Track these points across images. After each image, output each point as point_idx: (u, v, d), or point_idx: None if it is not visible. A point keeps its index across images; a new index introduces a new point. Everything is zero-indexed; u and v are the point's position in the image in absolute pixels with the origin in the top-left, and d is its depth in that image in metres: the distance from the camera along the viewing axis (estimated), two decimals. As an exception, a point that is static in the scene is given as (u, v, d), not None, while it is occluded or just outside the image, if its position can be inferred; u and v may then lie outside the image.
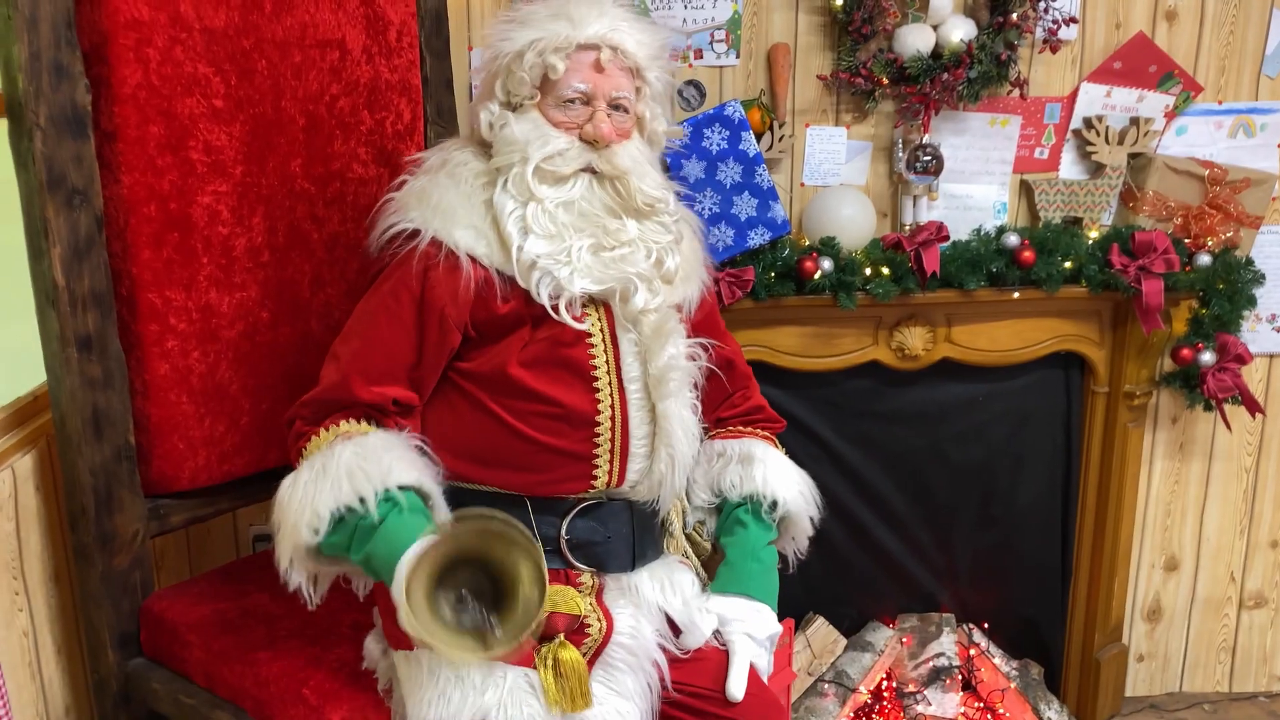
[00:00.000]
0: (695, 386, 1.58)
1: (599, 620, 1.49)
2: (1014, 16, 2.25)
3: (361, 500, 1.34)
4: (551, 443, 1.48)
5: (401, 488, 1.36)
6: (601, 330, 1.51)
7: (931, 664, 2.58)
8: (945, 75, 2.24)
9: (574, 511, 1.51)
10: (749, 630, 1.56)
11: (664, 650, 1.52)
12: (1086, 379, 2.57)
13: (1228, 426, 2.52)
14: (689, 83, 2.33)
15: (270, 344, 1.81)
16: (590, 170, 1.50)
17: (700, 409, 1.60)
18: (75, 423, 1.59)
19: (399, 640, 1.42)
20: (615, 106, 1.52)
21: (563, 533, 1.50)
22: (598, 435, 1.49)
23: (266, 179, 1.77)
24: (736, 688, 1.50)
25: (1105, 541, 2.62)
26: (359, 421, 1.46)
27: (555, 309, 1.45)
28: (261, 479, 1.85)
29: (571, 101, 1.50)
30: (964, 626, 2.65)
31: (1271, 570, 2.81)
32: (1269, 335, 2.62)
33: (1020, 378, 2.56)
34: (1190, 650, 2.85)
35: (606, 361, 1.50)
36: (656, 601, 1.55)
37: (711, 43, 2.30)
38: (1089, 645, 2.70)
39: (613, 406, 1.50)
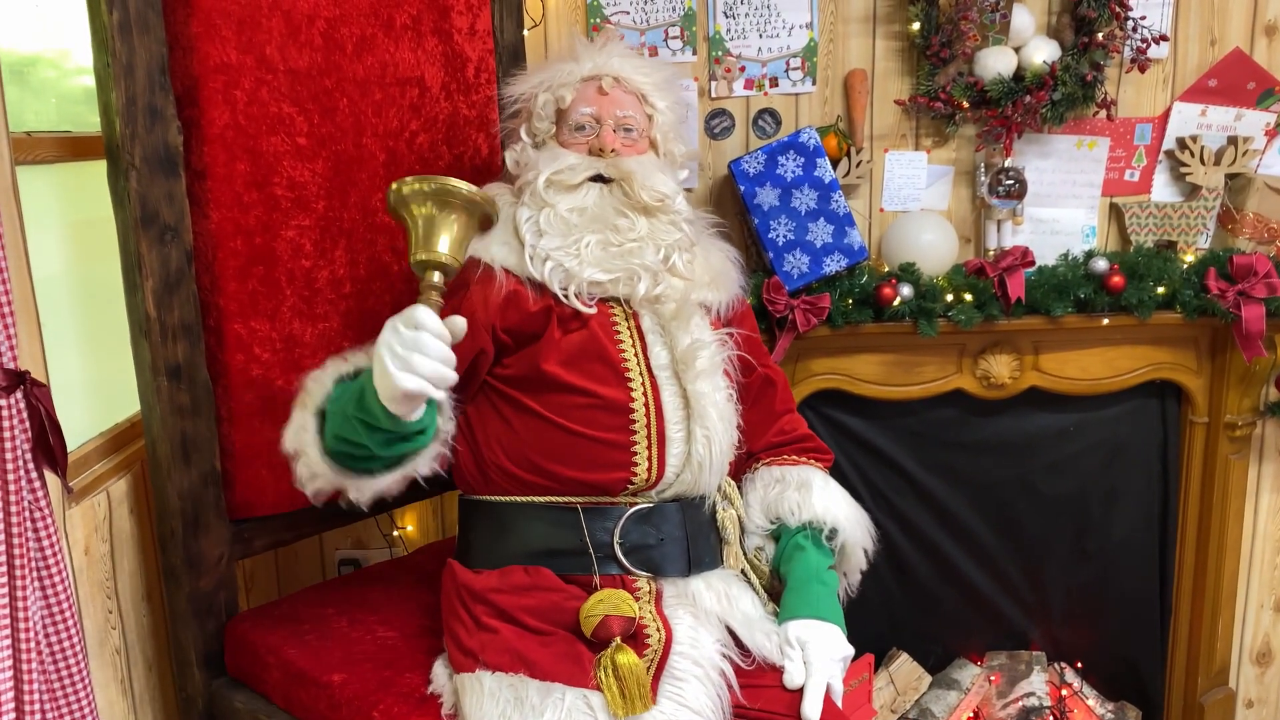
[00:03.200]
0: (728, 375, 1.63)
1: (658, 629, 1.48)
2: (1099, 36, 2.19)
3: (356, 372, 1.43)
4: (591, 434, 1.55)
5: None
6: (627, 323, 1.61)
7: (1021, 703, 2.49)
8: (1027, 98, 2.19)
9: (626, 516, 1.54)
10: (823, 651, 1.53)
11: (733, 665, 1.50)
12: (1184, 409, 2.47)
13: (1340, 459, 2.39)
14: (764, 111, 2.33)
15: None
16: (600, 179, 1.63)
17: (735, 396, 1.64)
18: (165, 448, 1.66)
19: (461, 664, 1.45)
20: (623, 127, 1.68)
21: (616, 537, 1.54)
22: (633, 423, 1.55)
23: (348, 213, 1.83)
24: (812, 709, 1.47)
25: (1208, 579, 2.50)
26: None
27: (565, 297, 1.56)
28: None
29: (582, 127, 1.68)
30: (1055, 665, 2.55)
31: (1395, 613, 2.64)
32: (1386, 363, 2.47)
33: (1112, 407, 2.47)
34: (1305, 697, 2.69)
35: (635, 353, 1.59)
36: (716, 612, 1.54)
37: (787, 70, 2.30)
38: (1191, 689, 2.57)
39: (645, 394, 1.57)
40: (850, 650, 1.58)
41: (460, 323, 1.33)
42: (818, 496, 1.66)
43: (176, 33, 1.60)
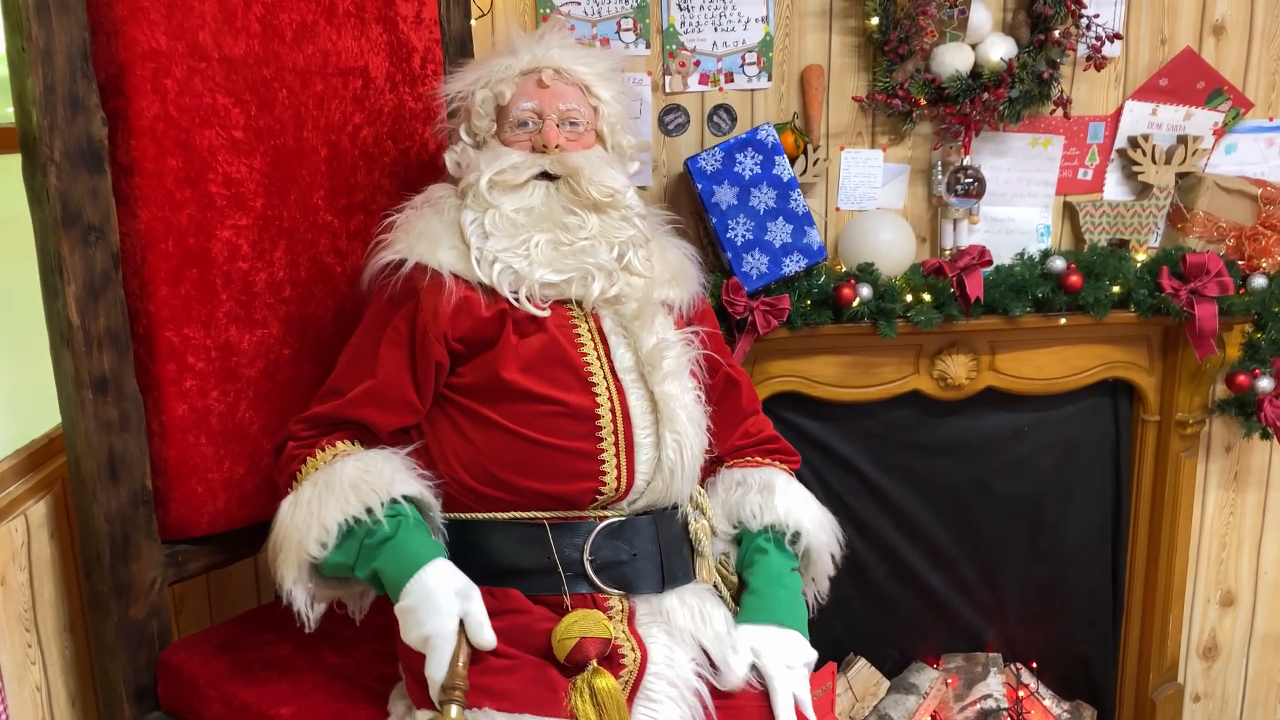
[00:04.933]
0: (694, 376, 1.57)
1: (633, 650, 1.42)
2: (1056, 34, 2.18)
3: (369, 511, 1.37)
4: (556, 443, 1.47)
5: (405, 497, 1.41)
6: (588, 325, 1.53)
7: (979, 706, 2.48)
8: (985, 95, 2.16)
9: (596, 531, 1.47)
10: (786, 660, 1.49)
11: (707, 684, 1.45)
12: (1136, 407, 2.47)
13: (1287, 456, 2.42)
14: (719, 107, 2.26)
15: (292, 382, 1.75)
16: (546, 176, 1.55)
17: (704, 398, 1.58)
18: (91, 467, 1.53)
19: (422, 699, 1.36)
20: (567, 121, 1.59)
21: (586, 554, 1.46)
22: (600, 430, 1.48)
23: (288, 212, 1.72)
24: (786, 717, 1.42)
25: (1159, 576, 2.51)
26: (353, 442, 1.49)
27: (517, 300, 1.48)
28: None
29: (524, 123, 1.59)
30: (1012, 666, 2.54)
31: (1333, 605, 2.69)
32: (1325, 359, 2.51)
33: (1066, 407, 2.46)
34: (1249, 689, 2.73)
35: (598, 356, 1.52)
36: (690, 629, 1.48)
37: (743, 66, 2.24)
38: (1143, 685, 2.58)
39: (611, 399, 1.49)
40: (813, 655, 1.53)
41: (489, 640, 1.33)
42: (780, 498, 1.61)
43: (100, 16, 1.48)
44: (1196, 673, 2.70)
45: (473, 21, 2.06)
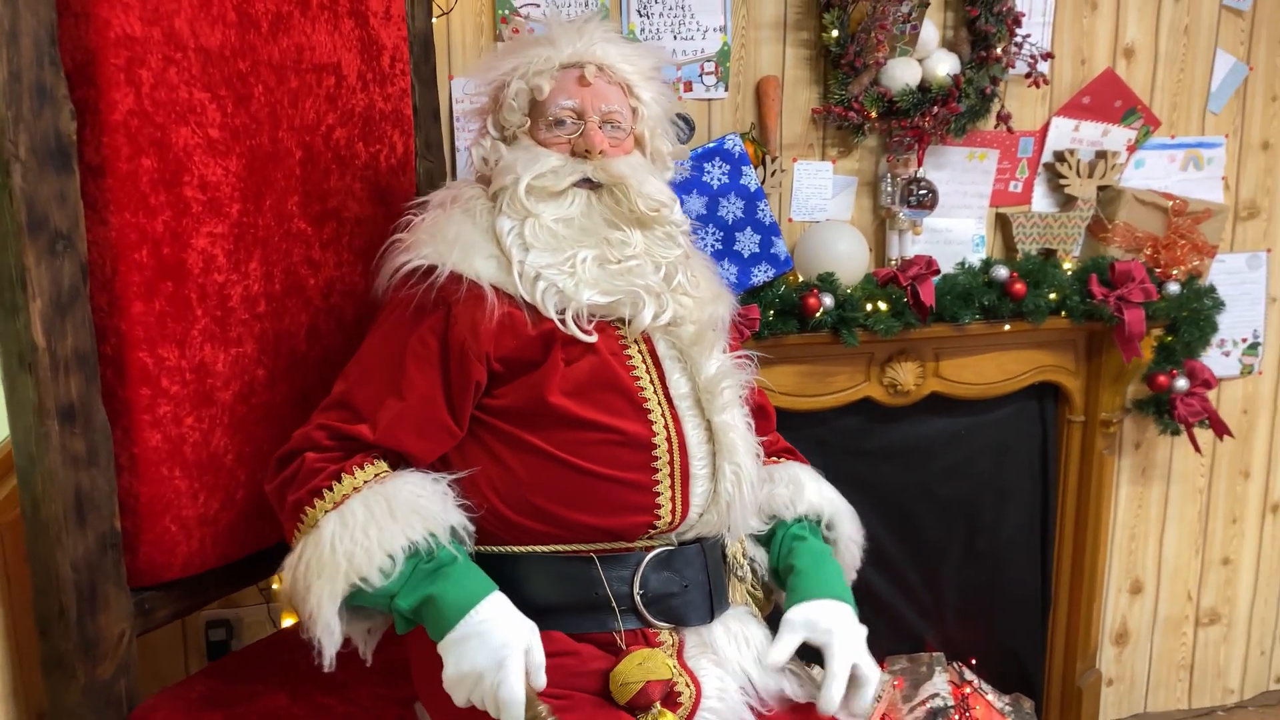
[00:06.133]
0: (746, 403, 1.50)
1: (688, 685, 1.36)
2: (997, 51, 2.26)
3: (433, 536, 1.28)
4: (610, 473, 1.37)
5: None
6: (639, 348, 1.44)
7: (928, 705, 2.52)
8: (936, 109, 2.22)
9: (645, 563, 1.38)
10: (846, 629, 1.41)
11: (754, 712, 1.40)
12: (1062, 409, 2.60)
13: (1197, 450, 2.59)
14: (678, 116, 2.23)
15: (267, 405, 1.60)
16: (587, 184, 1.45)
17: (753, 426, 1.51)
18: (55, 509, 1.34)
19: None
20: (609, 123, 1.48)
21: (636, 588, 1.37)
22: (656, 460, 1.39)
23: (263, 219, 1.57)
24: (836, 692, 1.35)
25: (1084, 569, 2.64)
26: (382, 460, 1.37)
27: (564, 322, 1.37)
28: (258, 560, 1.64)
29: (561, 122, 1.47)
30: (954, 664, 2.61)
31: (1224, 587, 2.90)
32: (1217, 359, 2.71)
33: (999, 410, 2.56)
34: (1154, 670, 2.91)
35: (651, 381, 1.43)
36: (736, 658, 1.43)
37: (701, 75, 2.21)
38: (1070, 673, 2.71)
39: (667, 427, 1.40)
40: (864, 630, 1.46)
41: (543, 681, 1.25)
42: (809, 490, 1.58)
43: (71, -5, 1.31)
44: (1110, 658, 2.85)
45: (433, 20, 1.95)
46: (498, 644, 1.21)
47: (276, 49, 1.57)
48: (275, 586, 2.17)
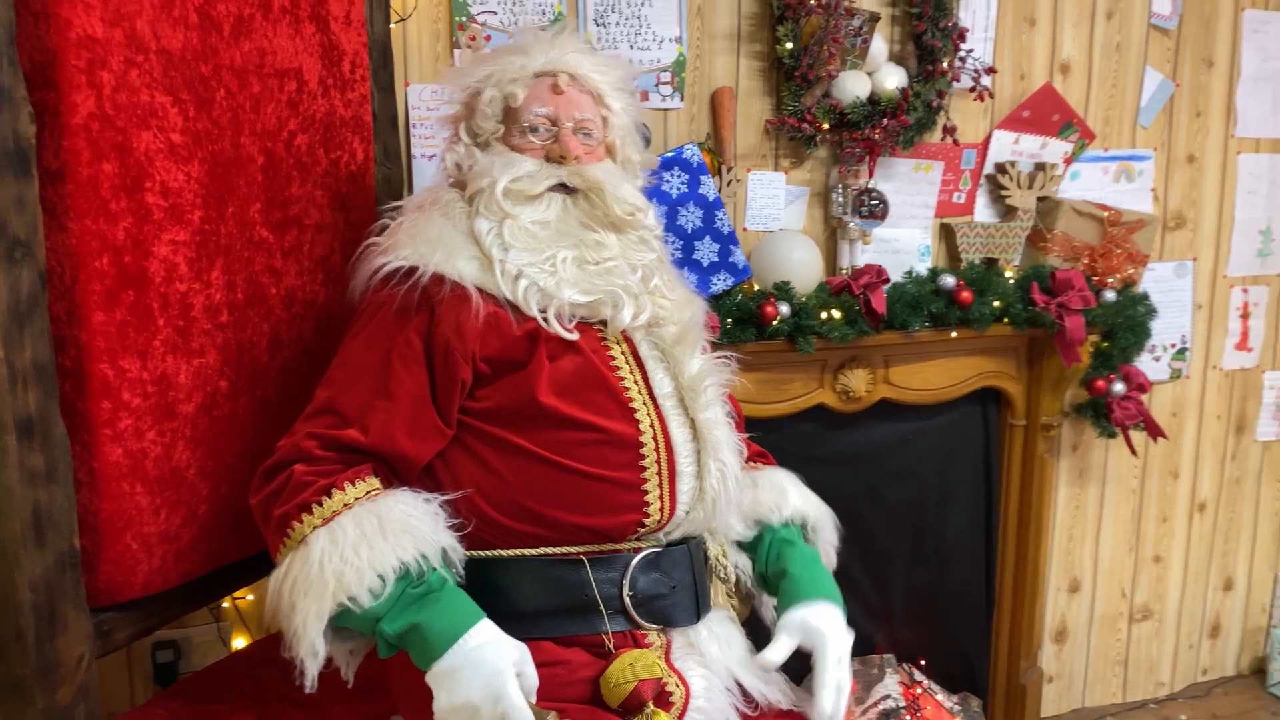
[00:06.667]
0: (730, 400, 1.54)
1: (677, 686, 1.37)
2: (943, 65, 2.32)
3: (424, 558, 1.25)
4: (598, 473, 1.38)
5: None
6: (622, 348, 1.46)
7: (880, 707, 2.56)
8: (887, 121, 2.27)
9: (634, 564, 1.39)
10: (838, 631, 1.45)
11: (740, 713, 1.41)
12: (1004, 413, 2.67)
13: (1133, 452, 2.69)
14: (635, 125, 2.24)
15: (229, 417, 1.56)
16: (563, 189, 1.47)
17: (734, 423, 1.54)
18: (13, 527, 1.28)
19: None
20: (581, 131, 1.51)
21: (625, 590, 1.38)
22: (643, 458, 1.40)
23: (225, 226, 1.53)
24: (828, 702, 1.38)
25: (1027, 569, 2.71)
26: (373, 477, 1.34)
27: (546, 320, 1.39)
28: (220, 578, 1.59)
29: (535, 128, 1.50)
30: (904, 666, 2.66)
31: (1155, 584, 3.01)
32: (1148, 364, 2.82)
33: (945, 415, 2.61)
34: (1090, 666, 3.00)
35: (636, 380, 1.44)
36: (721, 658, 1.44)
37: (657, 85, 2.23)
38: (1014, 672, 2.77)
39: (653, 425, 1.42)
40: (851, 635, 1.50)
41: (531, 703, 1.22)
42: (794, 494, 1.61)
43: (30, -8, 1.26)
44: (1050, 655, 2.93)
45: (391, 25, 1.92)
46: (490, 672, 1.20)
47: (238, 52, 1.53)
48: (225, 605, 2.11)
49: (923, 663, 2.68)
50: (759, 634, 1.66)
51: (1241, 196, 2.85)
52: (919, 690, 2.60)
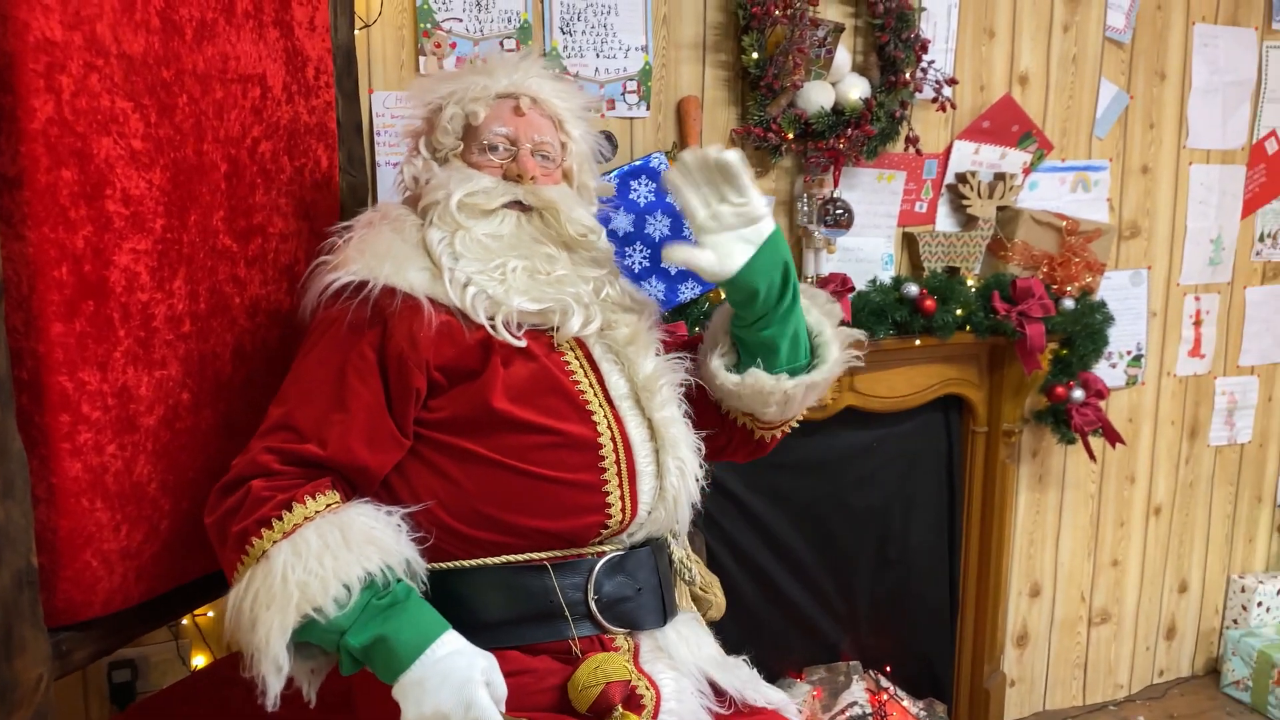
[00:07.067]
0: (689, 399, 1.54)
1: (647, 688, 1.37)
2: (905, 75, 2.35)
3: (389, 569, 1.24)
4: (557, 475, 1.38)
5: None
6: (575, 352, 1.47)
7: (847, 714, 2.57)
8: (851, 131, 2.29)
9: (598, 568, 1.39)
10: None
11: (711, 713, 1.42)
12: (966, 420, 2.70)
13: (1092, 458, 2.73)
14: (601, 133, 2.23)
15: (191, 430, 1.52)
16: (518, 206, 1.48)
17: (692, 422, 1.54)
18: (-33, 546, 1.24)
19: None
20: (540, 153, 1.53)
21: (590, 594, 1.38)
22: (603, 460, 1.41)
23: (187, 234, 1.50)
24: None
25: (989, 575, 2.74)
26: (333, 490, 1.33)
27: (494, 328, 1.39)
28: (181, 595, 1.55)
29: (495, 147, 1.51)
30: (870, 672, 2.67)
31: (1113, 587, 3.06)
32: (1105, 371, 2.86)
33: (907, 422, 2.64)
34: (1051, 670, 3.04)
35: (591, 384, 1.46)
36: (690, 660, 1.45)
37: (624, 94, 2.22)
38: (978, 676, 2.80)
39: (610, 427, 1.43)
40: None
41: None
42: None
43: (-13, -5, 1.22)
44: (1012, 659, 2.96)
45: (356, 31, 1.90)
46: (460, 680, 1.19)
47: (201, 58, 1.50)
48: (185, 622, 2.06)
49: (889, 669, 2.69)
50: (727, 639, 1.67)
51: (1193, 206, 2.92)
52: (885, 697, 2.62)
